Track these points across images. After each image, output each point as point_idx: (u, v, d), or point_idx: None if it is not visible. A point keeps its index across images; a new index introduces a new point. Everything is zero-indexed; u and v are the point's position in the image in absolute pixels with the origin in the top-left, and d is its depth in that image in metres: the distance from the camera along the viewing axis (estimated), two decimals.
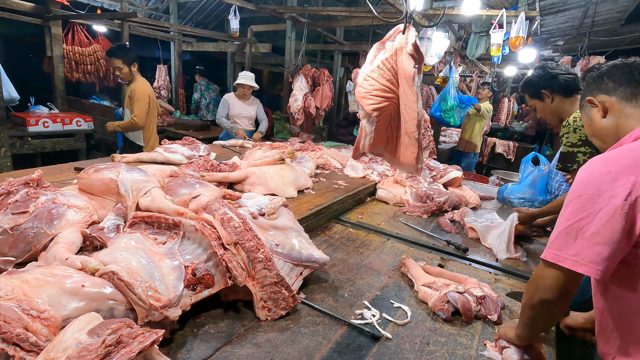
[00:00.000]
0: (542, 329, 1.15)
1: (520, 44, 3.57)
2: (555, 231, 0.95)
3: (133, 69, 3.34)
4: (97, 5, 6.58)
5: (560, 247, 0.92)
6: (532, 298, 0.99)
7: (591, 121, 1.15)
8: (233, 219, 1.31)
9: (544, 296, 0.95)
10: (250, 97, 4.57)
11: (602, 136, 1.13)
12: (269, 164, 2.42)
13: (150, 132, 3.55)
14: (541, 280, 0.96)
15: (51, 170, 2.34)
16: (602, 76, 1.13)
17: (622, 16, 6.56)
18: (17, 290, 0.89)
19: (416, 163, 1.90)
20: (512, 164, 7.21)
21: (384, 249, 1.95)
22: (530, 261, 1.99)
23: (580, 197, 0.91)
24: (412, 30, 1.70)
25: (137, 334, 0.82)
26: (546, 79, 1.95)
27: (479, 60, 6.66)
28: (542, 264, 0.97)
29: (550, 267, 0.94)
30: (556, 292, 0.94)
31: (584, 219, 0.89)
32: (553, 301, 0.95)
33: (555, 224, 0.98)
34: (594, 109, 1.14)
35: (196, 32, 6.61)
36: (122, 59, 3.26)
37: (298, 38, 5.57)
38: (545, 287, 0.95)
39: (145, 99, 3.35)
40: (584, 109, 1.20)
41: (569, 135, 1.82)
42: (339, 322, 1.28)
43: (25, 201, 1.33)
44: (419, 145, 1.82)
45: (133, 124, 3.36)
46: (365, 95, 1.76)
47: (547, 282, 0.94)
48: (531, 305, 1.00)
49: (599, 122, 1.12)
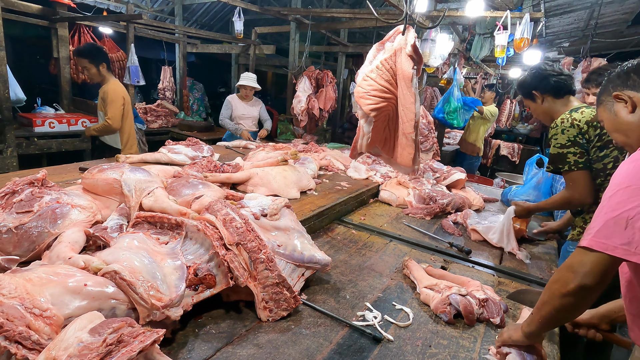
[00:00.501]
0: (563, 321, 1.15)
1: (525, 45, 3.56)
2: (598, 220, 0.96)
3: (102, 69, 3.21)
4: (103, 7, 6.64)
5: (608, 235, 0.93)
6: (567, 285, 0.98)
7: (616, 116, 1.18)
8: (235, 219, 1.31)
9: (584, 281, 0.95)
10: (252, 98, 4.60)
11: (627, 131, 1.15)
12: (272, 165, 2.43)
13: (127, 135, 3.41)
14: (580, 266, 0.96)
15: (56, 170, 2.36)
16: (628, 73, 1.15)
17: (629, 18, 6.51)
18: (21, 289, 0.89)
19: (413, 164, 1.90)
20: (517, 166, 7.17)
21: (386, 250, 1.94)
22: (534, 264, 1.97)
23: (629, 188, 0.93)
24: (412, 31, 1.70)
25: (138, 333, 0.83)
26: (537, 80, 1.95)
27: (484, 61, 6.63)
28: (582, 251, 0.97)
29: (592, 254, 0.95)
30: (597, 277, 0.94)
31: (634, 209, 0.90)
32: (592, 287, 0.95)
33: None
34: (619, 104, 1.16)
35: (201, 34, 6.64)
36: (89, 59, 3.14)
37: (302, 40, 5.58)
38: (585, 272, 0.95)
39: (119, 100, 3.23)
40: (604, 104, 1.22)
41: (557, 137, 1.82)
42: (341, 324, 1.28)
43: (30, 200, 1.35)
44: (416, 146, 1.82)
45: (107, 127, 3.24)
46: (364, 95, 1.77)
47: (587, 268, 0.95)
48: (564, 294, 0.99)
49: (625, 117, 1.14)
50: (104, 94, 3.23)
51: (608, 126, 1.23)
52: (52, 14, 4.91)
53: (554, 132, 1.84)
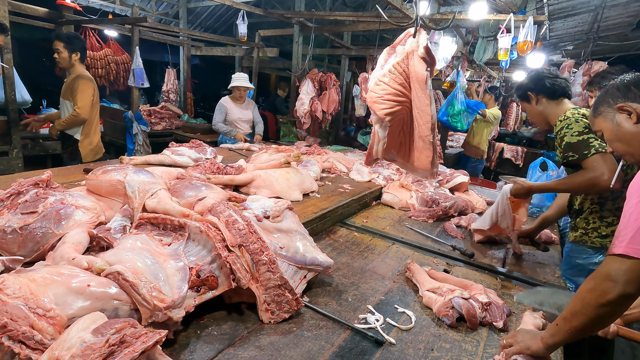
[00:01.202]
0: (595, 331, 1.14)
1: (528, 48, 3.55)
2: (630, 227, 0.96)
3: (74, 57, 3.17)
4: (108, 11, 6.71)
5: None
6: (607, 295, 0.96)
7: (619, 126, 1.22)
8: (238, 221, 1.31)
9: (626, 290, 0.94)
10: (246, 100, 4.54)
11: (630, 141, 1.20)
12: (275, 167, 2.43)
13: (90, 126, 3.29)
14: (619, 275, 0.95)
15: (61, 171, 2.38)
16: (628, 86, 1.22)
17: (633, 21, 6.49)
18: (25, 289, 0.90)
19: (431, 167, 1.88)
20: (521, 169, 7.13)
21: (388, 253, 1.94)
22: (538, 268, 1.96)
23: None
24: (423, 33, 1.69)
25: (140, 334, 0.83)
26: (533, 81, 1.96)
27: (487, 64, 6.63)
28: (617, 259, 0.96)
29: (631, 262, 0.94)
30: (637, 284, 0.94)
31: None
32: (634, 295, 0.95)
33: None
34: (621, 115, 1.22)
35: (205, 37, 6.68)
36: (65, 43, 3.11)
37: (305, 42, 5.60)
38: (626, 280, 0.94)
39: (89, 90, 3.17)
40: (605, 115, 1.27)
41: (572, 126, 1.76)
42: (342, 326, 1.28)
43: (35, 201, 1.36)
44: (433, 148, 1.80)
45: (75, 118, 3.15)
46: (378, 100, 1.75)
47: (627, 276, 0.94)
48: (603, 304, 0.97)
49: (629, 127, 1.20)
50: (74, 83, 3.16)
51: (609, 136, 1.27)
52: (58, 17, 4.96)
53: (566, 124, 1.78)
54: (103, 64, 6.55)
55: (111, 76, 6.78)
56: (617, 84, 1.25)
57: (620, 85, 1.24)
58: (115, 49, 6.70)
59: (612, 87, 1.27)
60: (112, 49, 6.66)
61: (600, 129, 1.31)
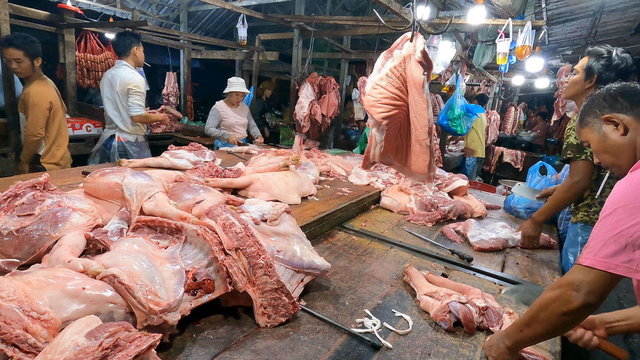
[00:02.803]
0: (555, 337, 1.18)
1: (527, 53, 3.57)
2: (598, 238, 0.98)
3: (36, 64, 2.82)
4: (109, 14, 6.74)
5: (608, 254, 0.94)
6: (570, 304, 0.98)
7: (605, 138, 1.19)
8: (235, 224, 1.31)
9: (588, 300, 0.96)
10: (239, 104, 4.50)
11: (617, 153, 1.18)
12: (274, 171, 2.43)
13: (52, 141, 2.96)
14: (582, 285, 0.97)
15: (59, 174, 2.38)
16: (614, 96, 1.18)
17: (632, 26, 6.52)
18: (19, 292, 0.90)
19: (428, 171, 1.88)
20: (520, 173, 7.15)
21: (387, 257, 1.93)
22: (536, 272, 1.95)
23: (627, 206, 0.95)
24: (420, 37, 1.70)
25: (134, 338, 0.83)
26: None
27: (487, 69, 6.66)
28: (582, 269, 0.98)
29: (594, 272, 0.96)
30: (599, 296, 0.96)
31: (633, 227, 0.92)
32: (595, 304, 0.97)
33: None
34: (608, 126, 1.19)
35: (205, 40, 6.71)
36: (25, 51, 2.72)
37: (305, 46, 5.62)
38: (588, 291, 0.96)
39: (42, 104, 2.81)
40: (591, 125, 1.24)
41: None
42: (339, 331, 1.27)
43: (32, 204, 1.35)
44: (430, 152, 1.80)
45: (27, 138, 2.82)
46: (375, 103, 1.76)
47: (590, 287, 0.96)
48: (565, 312, 0.99)
49: (616, 139, 1.17)
50: (26, 96, 2.81)
51: (595, 147, 1.25)
52: (59, 20, 4.99)
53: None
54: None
55: None
56: (604, 93, 1.21)
57: (606, 95, 1.20)
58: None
59: (598, 97, 1.23)
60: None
61: (587, 140, 1.28)
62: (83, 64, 6.26)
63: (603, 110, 1.19)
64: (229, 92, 4.32)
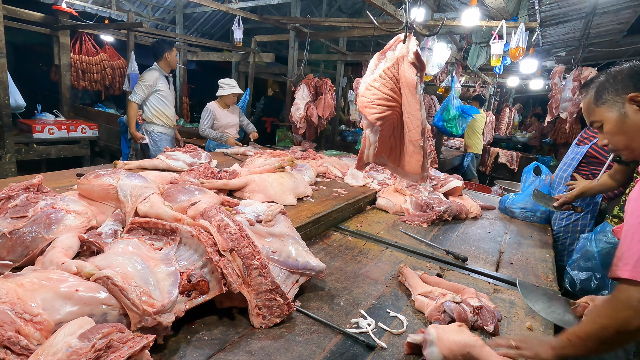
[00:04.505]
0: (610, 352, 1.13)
1: (521, 54, 3.60)
2: (634, 249, 0.91)
3: None
4: (104, 16, 6.72)
5: None
6: (629, 324, 0.91)
7: (625, 118, 1.12)
8: (229, 225, 1.31)
9: None
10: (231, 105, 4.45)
11: (634, 135, 1.10)
12: (269, 172, 2.43)
13: None
14: (637, 302, 0.90)
15: (54, 176, 2.37)
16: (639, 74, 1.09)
17: (624, 27, 6.60)
18: (12, 294, 0.89)
19: (422, 171, 1.89)
20: (516, 174, 7.19)
21: (382, 257, 1.94)
22: (530, 271, 1.97)
23: None
24: (413, 39, 1.71)
25: (127, 339, 0.83)
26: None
27: (482, 70, 6.70)
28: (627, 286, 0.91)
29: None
30: None
31: None
32: None
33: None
34: (631, 107, 1.10)
35: (201, 42, 6.71)
36: None
37: (301, 48, 5.63)
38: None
39: None
40: (609, 104, 1.15)
41: None
42: (334, 331, 1.27)
43: (25, 206, 1.35)
44: (424, 153, 1.81)
45: None
46: (368, 104, 1.77)
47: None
48: (624, 333, 0.93)
49: (637, 120, 1.09)
50: None
51: (611, 128, 1.16)
52: (54, 22, 4.97)
53: None
54: (99, 68, 6.56)
55: (107, 81, 6.79)
56: (629, 71, 1.11)
57: (633, 73, 1.10)
58: (111, 54, 6.71)
59: (620, 74, 1.13)
60: (108, 53, 6.67)
61: (600, 120, 1.19)
62: (78, 66, 6.23)
63: (627, 89, 1.10)
64: (224, 94, 4.23)
